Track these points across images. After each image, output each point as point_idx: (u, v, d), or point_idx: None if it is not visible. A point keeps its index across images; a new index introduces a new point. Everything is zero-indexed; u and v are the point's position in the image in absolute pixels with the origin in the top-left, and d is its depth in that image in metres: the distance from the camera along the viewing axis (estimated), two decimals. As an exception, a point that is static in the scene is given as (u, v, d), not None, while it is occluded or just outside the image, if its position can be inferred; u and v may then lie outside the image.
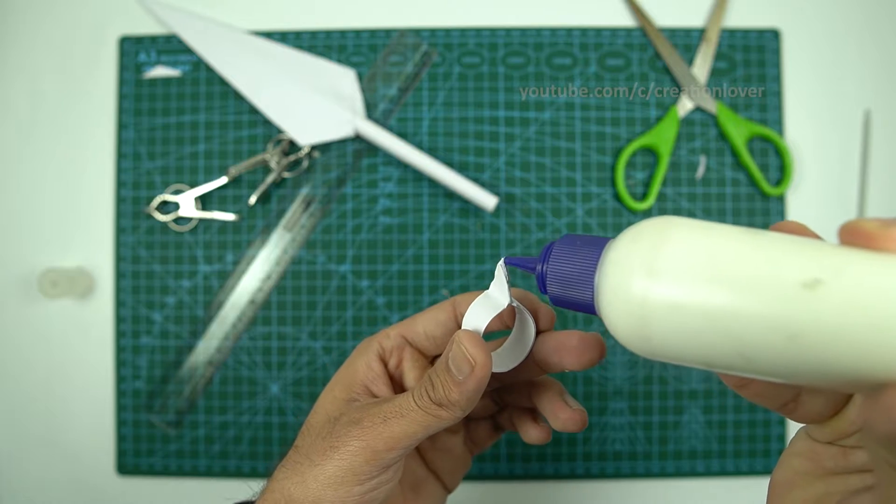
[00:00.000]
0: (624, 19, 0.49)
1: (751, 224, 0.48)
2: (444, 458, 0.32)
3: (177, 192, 0.48)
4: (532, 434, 0.30)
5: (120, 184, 0.49)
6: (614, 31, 0.49)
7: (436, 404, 0.25)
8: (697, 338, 0.18)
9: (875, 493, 0.18)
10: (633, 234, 0.20)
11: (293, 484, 0.26)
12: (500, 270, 0.26)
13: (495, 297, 0.26)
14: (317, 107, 0.47)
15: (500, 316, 0.28)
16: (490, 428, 0.33)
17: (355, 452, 0.25)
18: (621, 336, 0.20)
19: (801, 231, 0.20)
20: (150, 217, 0.48)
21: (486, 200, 0.46)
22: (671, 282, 0.18)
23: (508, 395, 0.31)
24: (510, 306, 0.27)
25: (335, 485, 0.25)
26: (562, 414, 0.28)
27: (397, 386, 0.29)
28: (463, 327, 0.26)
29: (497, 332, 0.30)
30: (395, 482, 0.27)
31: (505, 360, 0.28)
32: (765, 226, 0.48)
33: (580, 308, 0.22)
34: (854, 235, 0.17)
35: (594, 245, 0.22)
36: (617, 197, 0.48)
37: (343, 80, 0.48)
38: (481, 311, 0.26)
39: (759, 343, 0.17)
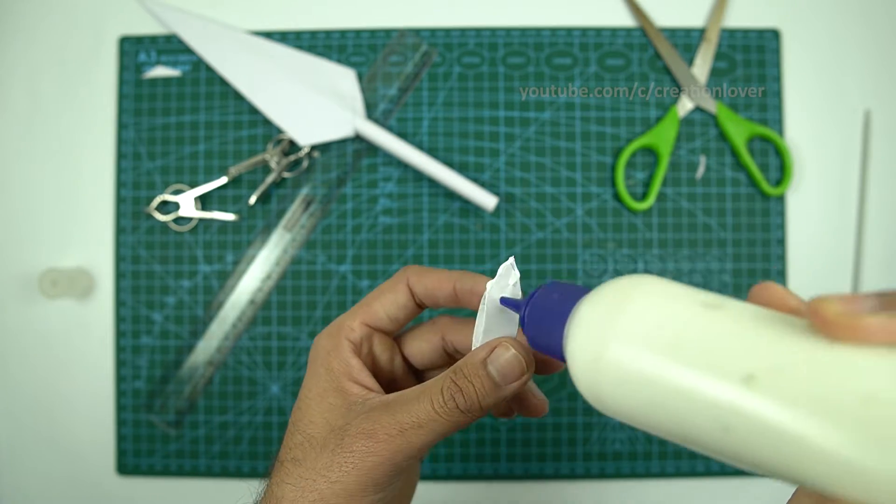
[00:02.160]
0: (624, 19, 0.49)
1: (751, 225, 0.48)
2: None
3: (177, 192, 0.48)
4: (500, 410, 0.30)
5: (120, 184, 0.49)
6: (614, 31, 0.49)
7: (462, 411, 0.24)
8: (643, 408, 0.18)
9: None
10: (600, 293, 0.20)
11: (310, 502, 0.25)
12: (508, 270, 0.26)
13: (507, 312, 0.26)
14: (317, 107, 0.47)
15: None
16: None
17: (374, 466, 0.24)
18: (581, 390, 0.20)
19: (781, 298, 0.18)
20: (150, 217, 0.48)
21: (486, 200, 0.46)
22: (622, 348, 0.18)
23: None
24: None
25: (357, 496, 0.25)
26: (529, 405, 0.28)
27: (372, 368, 0.29)
28: (483, 334, 0.26)
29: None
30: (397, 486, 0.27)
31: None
32: (764, 226, 0.48)
33: (554, 355, 0.23)
34: (815, 318, 0.16)
35: (571, 297, 0.22)
36: (617, 197, 0.48)
37: (343, 80, 0.48)
38: (500, 322, 0.26)
39: (696, 426, 0.17)
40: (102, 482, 0.48)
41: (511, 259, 0.26)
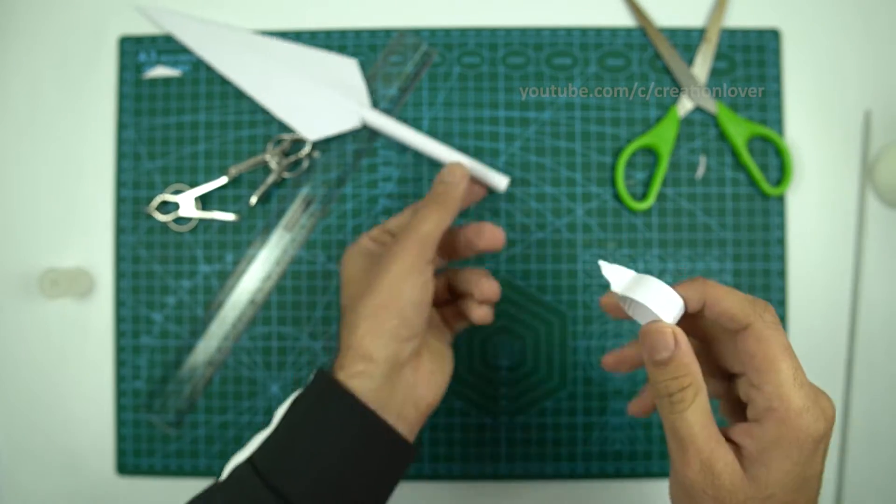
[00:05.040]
0: (624, 19, 0.49)
1: (751, 225, 0.48)
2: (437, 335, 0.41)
3: (177, 192, 0.48)
4: (476, 313, 0.40)
5: (120, 184, 0.49)
6: (614, 31, 0.49)
7: (443, 184, 0.38)
8: None
9: None
10: None
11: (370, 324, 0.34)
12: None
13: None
14: (322, 100, 0.47)
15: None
16: (455, 313, 0.42)
17: (407, 249, 0.35)
18: None
19: None
20: (150, 217, 0.48)
21: (498, 181, 0.46)
22: None
23: (457, 283, 0.41)
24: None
25: (406, 276, 0.34)
26: (483, 286, 0.39)
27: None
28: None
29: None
30: (432, 288, 0.36)
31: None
32: (764, 226, 0.48)
33: None
34: None
35: None
36: (617, 197, 0.48)
37: (346, 70, 0.48)
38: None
39: None
40: (102, 482, 0.48)
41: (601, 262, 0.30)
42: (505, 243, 0.38)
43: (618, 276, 0.29)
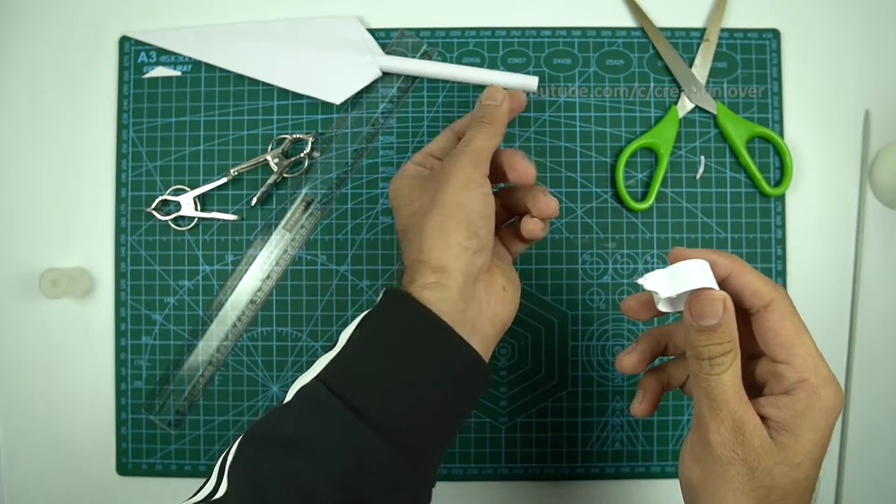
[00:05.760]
0: (624, 19, 0.49)
1: (750, 225, 0.48)
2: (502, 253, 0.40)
3: (177, 192, 0.48)
4: (527, 226, 0.37)
5: (120, 184, 0.49)
6: (614, 31, 0.49)
7: (486, 107, 0.37)
8: None
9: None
10: None
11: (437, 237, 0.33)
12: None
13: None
14: (335, 63, 0.47)
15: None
16: (514, 234, 0.40)
17: (462, 165, 0.34)
18: None
19: None
20: (150, 217, 0.48)
21: (528, 82, 0.46)
22: None
23: (511, 201, 0.39)
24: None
25: (467, 188, 0.34)
26: (539, 203, 0.36)
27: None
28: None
29: None
30: (493, 202, 0.35)
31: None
32: (764, 226, 0.48)
33: None
34: None
35: None
36: (617, 197, 0.48)
37: (349, 29, 0.48)
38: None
39: None
40: (102, 482, 0.48)
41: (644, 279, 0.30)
42: (535, 178, 0.37)
43: (659, 283, 0.29)
